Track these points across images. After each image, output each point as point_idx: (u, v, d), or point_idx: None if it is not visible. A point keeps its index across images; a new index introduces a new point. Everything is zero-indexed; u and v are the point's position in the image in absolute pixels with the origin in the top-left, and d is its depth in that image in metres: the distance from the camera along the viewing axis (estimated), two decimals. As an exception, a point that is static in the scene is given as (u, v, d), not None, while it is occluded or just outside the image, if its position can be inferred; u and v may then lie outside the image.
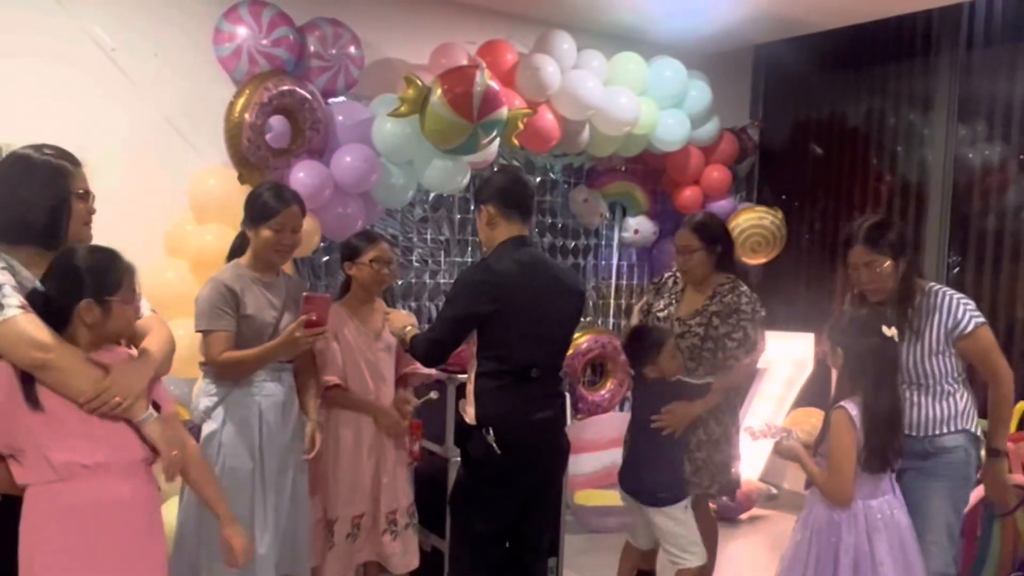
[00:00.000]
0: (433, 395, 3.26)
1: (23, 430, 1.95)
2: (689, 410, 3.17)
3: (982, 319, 2.84)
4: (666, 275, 3.61)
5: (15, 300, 1.97)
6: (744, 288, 3.36)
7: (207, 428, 2.81)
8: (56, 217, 2.11)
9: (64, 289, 2.01)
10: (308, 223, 3.68)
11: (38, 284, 2.03)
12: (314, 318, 2.72)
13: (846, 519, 2.66)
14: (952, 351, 2.85)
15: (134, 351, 2.17)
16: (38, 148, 2.16)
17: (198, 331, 2.77)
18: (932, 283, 2.91)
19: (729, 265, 3.42)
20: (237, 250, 2.97)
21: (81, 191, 2.18)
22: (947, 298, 2.84)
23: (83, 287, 2.00)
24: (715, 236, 3.38)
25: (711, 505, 3.58)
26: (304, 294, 2.82)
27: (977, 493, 3.12)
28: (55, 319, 1.99)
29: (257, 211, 2.82)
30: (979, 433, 2.91)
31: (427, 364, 3.10)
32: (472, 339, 2.90)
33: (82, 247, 2.09)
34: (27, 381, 1.95)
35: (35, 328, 1.96)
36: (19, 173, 2.11)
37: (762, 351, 3.40)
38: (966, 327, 2.81)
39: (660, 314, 3.47)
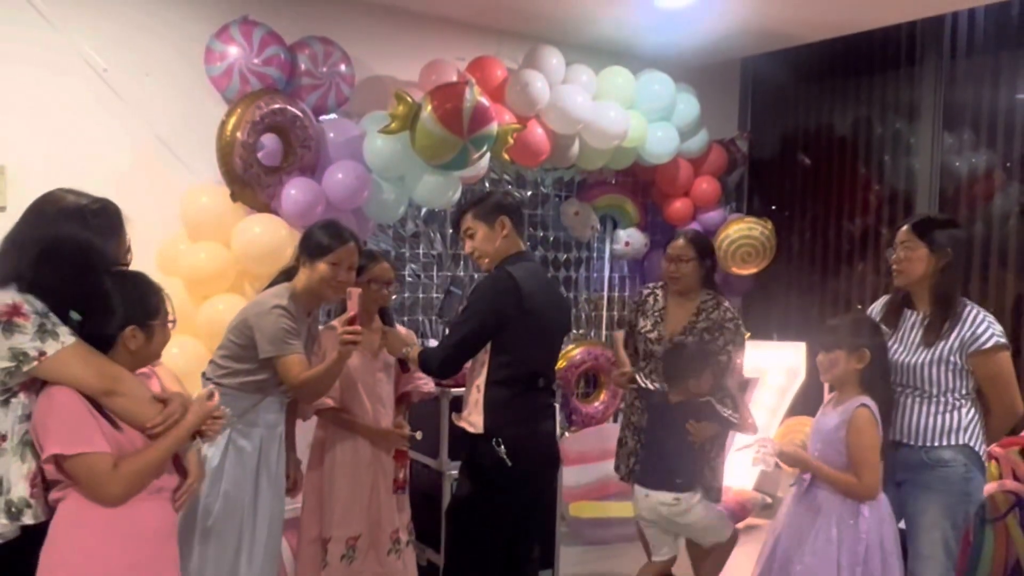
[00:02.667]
0: (417, 435, 3.26)
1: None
2: (711, 429, 3.30)
3: (1005, 341, 2.76)
4: (645, 293, 3.73)
5: (65, 328, 1.96)
6: (727, 304, 3.57)
7: (206, 450, 2.78)
8: (83, 301, 2.02)
9: (105, 318, 2.01)
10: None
11: (73, 314, 2.00)
12: (351, 314, 2.69)
13: (871, 507, 2.73)
14: (966, 368, 2.77)
15: (156, 375, 2.21)
16: (90, 219, 2.07)
17: (271, 356, 2.72)
18: (966, 300, 2.86)
19: (711, 282, 3.63)
20: (282, 280, 2.94)
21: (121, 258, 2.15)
22: (974, 312, 2.79)
23: (124, 315, 2.02)
24: (706, 251, 3.60)
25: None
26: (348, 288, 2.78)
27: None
28: (95, 346, 2.01)
29: (314, 246, 2.82)
30: (983, 454, 2.81)
31: (443, 375, 3.07)
32: None
33: (113, 275, 2.08)
34: (96, 403, 1.97)
35: (96, 356, 1.98)
36: (69, 252, 2.01)
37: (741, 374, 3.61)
38: (984, 343, 2.73)
39: (650, 335, 3.56)
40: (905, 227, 2.90)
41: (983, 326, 2.75)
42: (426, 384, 3.35)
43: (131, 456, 1.97)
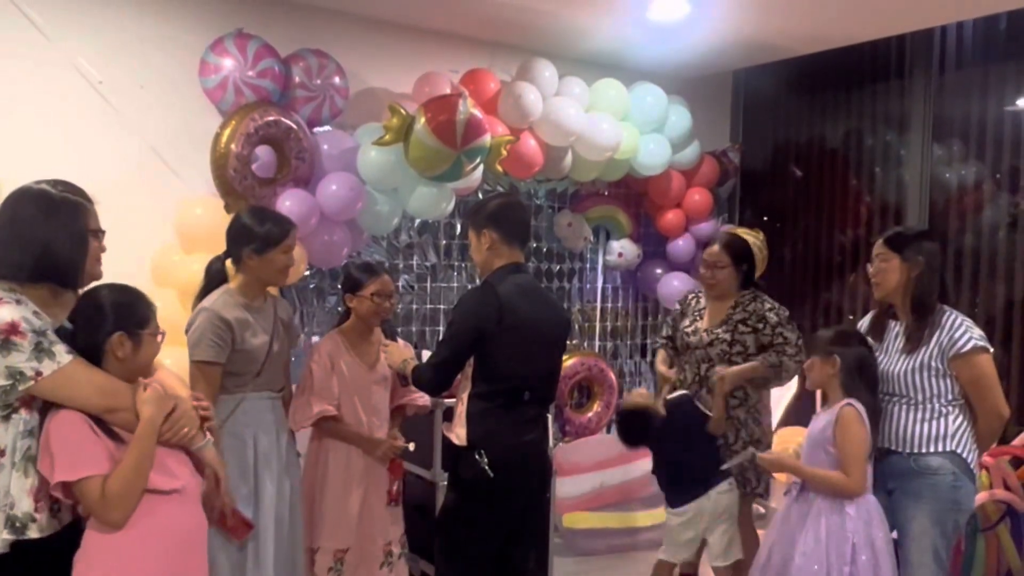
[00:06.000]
0: (410, 446, 3.27)
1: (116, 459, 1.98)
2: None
3: (984, 344, 2.79)
4: (689, 296, 3.77)
5: (63, 346, 1.98)
6: (764, 296, 3.55)
7: None
8: (76, 255, 2.08)
9: (95, 325, 2.03)
10: (295, 251, 3.72)
11: (66, 323, 2.03)
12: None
13: (857, 505, 2.76)
14: (950, 372, 2.81)
15: (156, 385, 2.21)
16: (53, 184, 2.13)
17: (193, 361, 2.74)
18: (947, 307, 2.89)
19: (752, 285, 3.61)
20: (217, 276, 2.91)
21: (95, 229, 2.16)
22: (952, 317, 2.84)
23: (114, 321, 2.04)
24: (742, 255, 3.55)
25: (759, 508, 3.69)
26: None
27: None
28: (86, 356, 2.02)
29: (263, 237, 2.79)
30: (971, 461, 2.82)
31: (434, 391, 3.06)
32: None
33: (106, 286, 2.10)
34: (98, 419, 1.99)
35: (94, 373, 2.00)
36: (38, 210, 2.05)
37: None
38: (963, 347, 2.77)
39: (688, 329, 3.61)
40: (879, 241, 3.00)
41: (961, 330, 2.80)
42: (421, 398, 3.35)
43: (112, 474, 1.94)
